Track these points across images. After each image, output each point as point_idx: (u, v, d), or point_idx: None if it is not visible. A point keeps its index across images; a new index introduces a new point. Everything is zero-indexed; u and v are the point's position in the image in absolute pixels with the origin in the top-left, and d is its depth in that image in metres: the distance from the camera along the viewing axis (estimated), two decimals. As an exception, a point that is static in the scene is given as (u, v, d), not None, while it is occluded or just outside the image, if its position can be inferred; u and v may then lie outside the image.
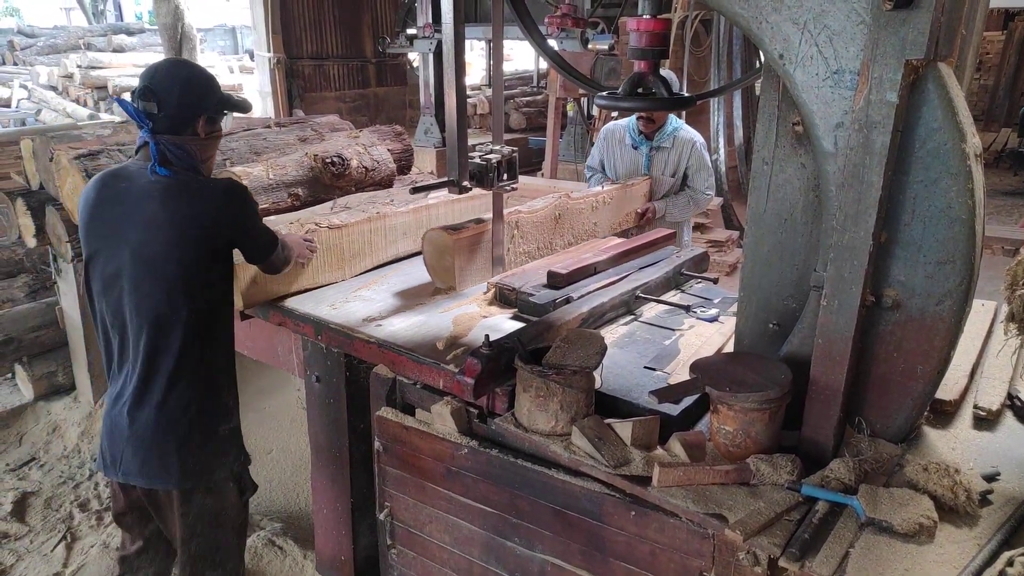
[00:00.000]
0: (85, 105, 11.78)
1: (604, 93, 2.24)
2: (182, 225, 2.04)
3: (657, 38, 2.09)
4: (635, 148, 3.95)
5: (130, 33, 15.56)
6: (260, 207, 3.15)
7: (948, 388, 2.06)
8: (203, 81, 2.15)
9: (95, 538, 3.31)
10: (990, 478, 1.74)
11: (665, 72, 3.56)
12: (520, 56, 15.69)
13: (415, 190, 2.69)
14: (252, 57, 10.75)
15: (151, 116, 2.04)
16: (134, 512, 2.35)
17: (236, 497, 2.31)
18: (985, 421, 2.00)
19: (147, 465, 2.13)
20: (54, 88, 12.59)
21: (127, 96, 2.17)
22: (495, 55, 2.77)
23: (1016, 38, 13.34)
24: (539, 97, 10.31)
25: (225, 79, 12.84)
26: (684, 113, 7.64)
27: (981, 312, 2.54)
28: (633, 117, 3.89)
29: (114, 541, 3.26)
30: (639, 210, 3.80)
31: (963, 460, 1.83)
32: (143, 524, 2.37)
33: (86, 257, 2.15)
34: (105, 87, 11.95)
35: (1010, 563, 1.42)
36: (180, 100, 2.05)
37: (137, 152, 2.16)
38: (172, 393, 2.11)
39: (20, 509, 3.49)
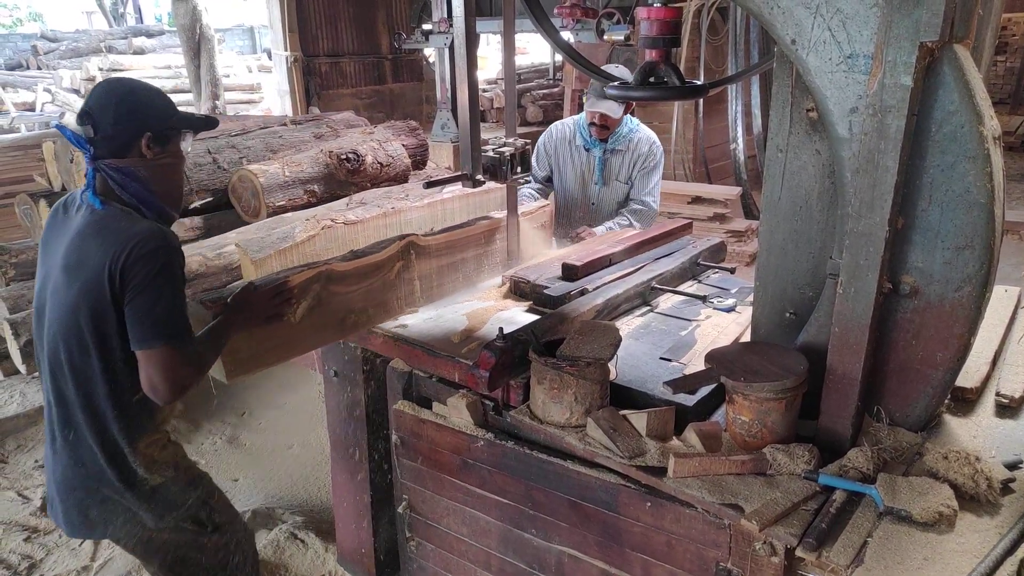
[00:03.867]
0: (107, 107, 11.92)
1: (615, 83, 2.22)
2: (91, 268, 1.78)
3: (668, 26, 2.07)
4: (587, 150, 3.59)
5: (150, 35, 15.73)
6: (277, 204, 3.18)
7: (969, 375, 2.03)
8: (144, 96, 1.90)
9: (121, 533, 3.37)
10: (1012, 466, 1.71)
11: (617, 69, 3.36)
12: (536, 49, 15.64)
13: (429, 184, 2.70)
14: (270, 56, 10.83)
15: (90, 140, 1.84)
16: None
17: (199, 535, 2.12)
18: (1008, 408, 1.97)
19: (65, 515, 2.01)
20: (77, 91, 12.75)
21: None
22: (506, 48, 2.77)
23: (1043, 19, 13.05)
24: (555, 90, 10.27)
25: (244, 78, 12.95)
26: (701, 102, 7.61)
27: (1004, 298, 2.49)
28: (582, 115, 3.58)
29: (140, 535, 3.32)
30: (579, 232, 3.43)
31: (985, 448, 1.81)
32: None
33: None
34: (126, 89, 12.09)
35: (1032, 552, 1.40)
36: (116, 118, 1.82)
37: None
38: (75, 442, 1.93)
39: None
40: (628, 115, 3.60)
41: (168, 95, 1.99)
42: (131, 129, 1.85)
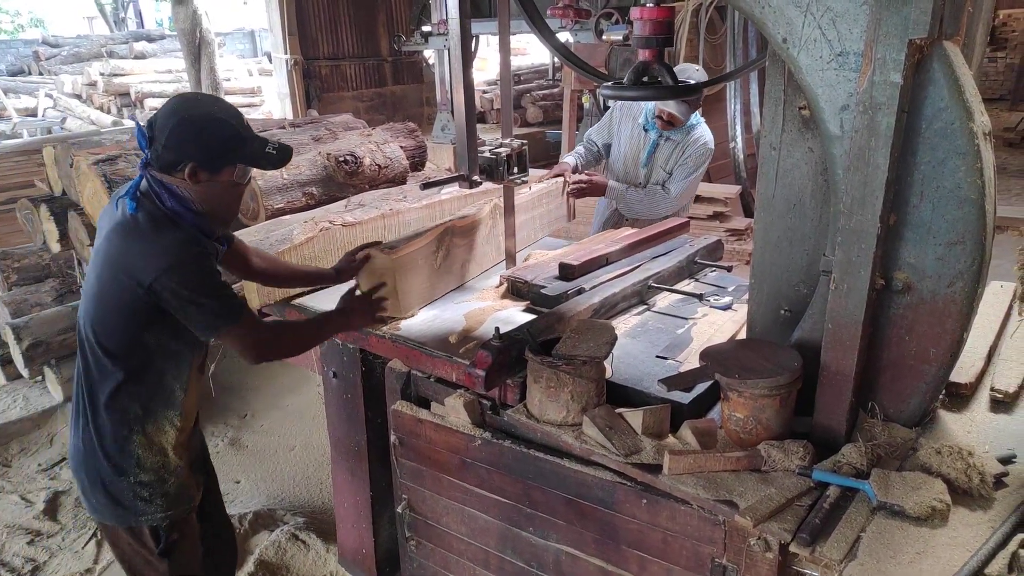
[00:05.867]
0: (109, 112, 12.00)
1: (609, 83, 2.23)
2: (107, 272, 1.88)
3: (661, 26, 2.08)
4: (645, 130, 3.66)
5: (151, 40, 15.79)
6: (275, 207, 3.20)
7: (964, 371, 2.04)
8: (206, 125, 1.89)
9: (124, 535, 3.39)
10: (1006, 460, 1.72)
11: (693, 68, 3.46)
12: (536, 50, 15.65)
13: (426, 186, 2.71)
14: (270, 59, 10.85)
15: (148, 146, 1.90)
16: None
17: (150, 553, 2.12)
18: (1002, 403, 1.98)
19: (80, 490, 2.13)
20: (78, 96, 12.82)
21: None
22: (502, 49, 2.78)
23: (1043, 15, 13.03)
24: (555, 90, 10.29)
25: (244, 82, 12.99)
26: (702, 99, 7.60)
27: (1000, 294, 2.50)
28: (654, 104, 3.57)
29: (142, 537, 3.34)
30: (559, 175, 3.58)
31: (979, 443, 1.81)
32: None
33: None
34: (128, 94, 12.16)
35: (1023, 544, 1.40)
36: (168, 139, 1.85)
37: None
38: (91, 428, 2.01)
39: (52, 508, 3.58)
40: (697, 113, 3.63)
41: (242, 120, 1.97)
42: (179, 155, 1.87)
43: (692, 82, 2.67)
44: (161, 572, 2.14)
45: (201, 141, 1.88)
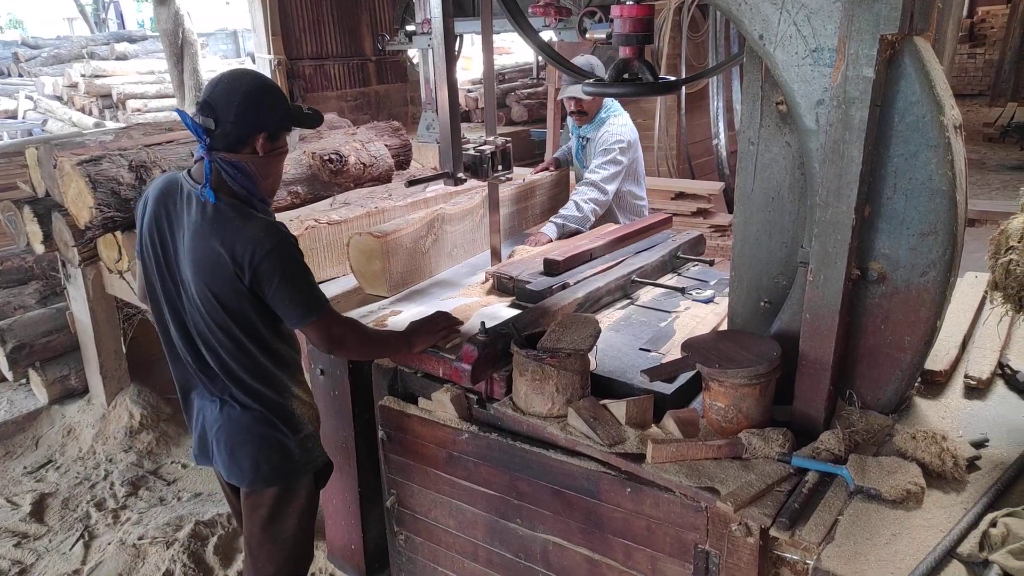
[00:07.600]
0: (90, 113, 11.90)
1: (591, 80, 2.26)
2: (219, 267, 1.91)
3: (640, 24, 2.11)
4: (572, 135, 3.85)
5: (132, 40, 15.67)
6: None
7: (939, 359, 2.09)
8: (266, 94, 1.95)
9: (112, 536, 3.38)
10: (979, 444, 1.77)
11: (593, 58, 3.45)
12: (520, 49, 15.69)
13: (411, 183, 2.73)
14: (254, 60, 10.81)
15: (208, 132, 1.91)
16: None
17: (297, 506, 2.23)
18: (976, 390, 2.03)
19: (230, 459, 2.15)
20: (59, 98, 12.70)
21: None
22: (485, 48, 2.81)
23: (1020, 11, 13.18)
24: (540, 89, 10.31)
25: (227, 83, 12.90)
26: (683, 99, 7.67)
27: (974, 284, 2.55)
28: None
29: (130, 538, 3.33)
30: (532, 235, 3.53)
31: (953, 428, 1.86)
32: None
33: (141, 252, 2.08)
34: (109, 95, 12.05)
35: (993, 524, 1.45)
36: (238, 115, 1.89)
37: (196, 163, 2.01)
38: (250, 402, 2.09)
39: (39, 510, 3.57)
40: (613, 102, 3.63)
41: (281, 89, 2.05)
42: (250, 127, 1.92)
43: (590, 70, 2.76)
44: (307, 519, 2.25)
45: (269, 110, 1.95)
